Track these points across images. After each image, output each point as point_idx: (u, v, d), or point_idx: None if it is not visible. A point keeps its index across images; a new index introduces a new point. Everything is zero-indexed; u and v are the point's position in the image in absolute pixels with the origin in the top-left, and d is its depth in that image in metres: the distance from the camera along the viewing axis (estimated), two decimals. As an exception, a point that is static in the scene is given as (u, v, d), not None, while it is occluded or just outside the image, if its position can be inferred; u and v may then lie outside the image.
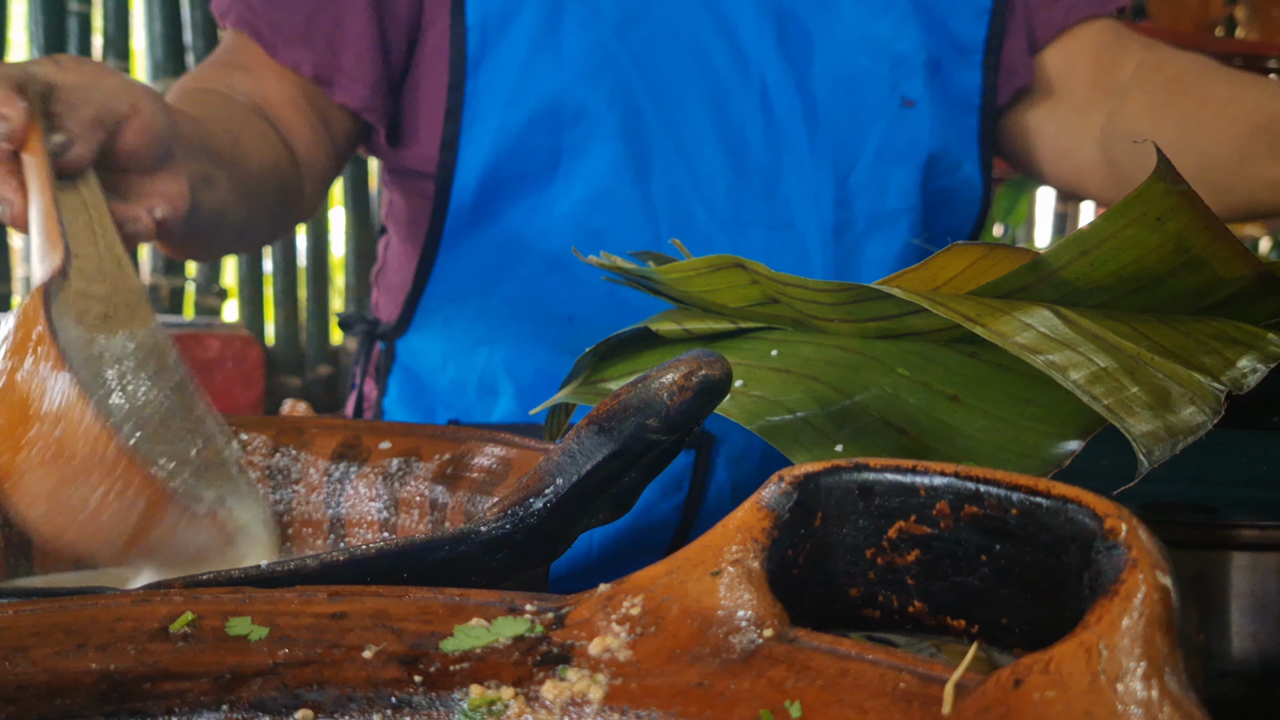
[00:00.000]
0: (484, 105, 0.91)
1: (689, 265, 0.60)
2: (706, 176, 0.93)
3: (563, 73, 0.90)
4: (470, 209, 0.93)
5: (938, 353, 0.55)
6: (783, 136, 0.94)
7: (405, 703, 0.34)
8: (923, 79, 0.97)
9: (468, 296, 0.95)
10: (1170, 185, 0.49)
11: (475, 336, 0.95)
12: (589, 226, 0.92)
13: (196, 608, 0.35)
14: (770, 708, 0.32)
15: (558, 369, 0.81)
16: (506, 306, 0.94)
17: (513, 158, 0.91)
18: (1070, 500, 0.31)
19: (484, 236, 0.94)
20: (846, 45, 0.96)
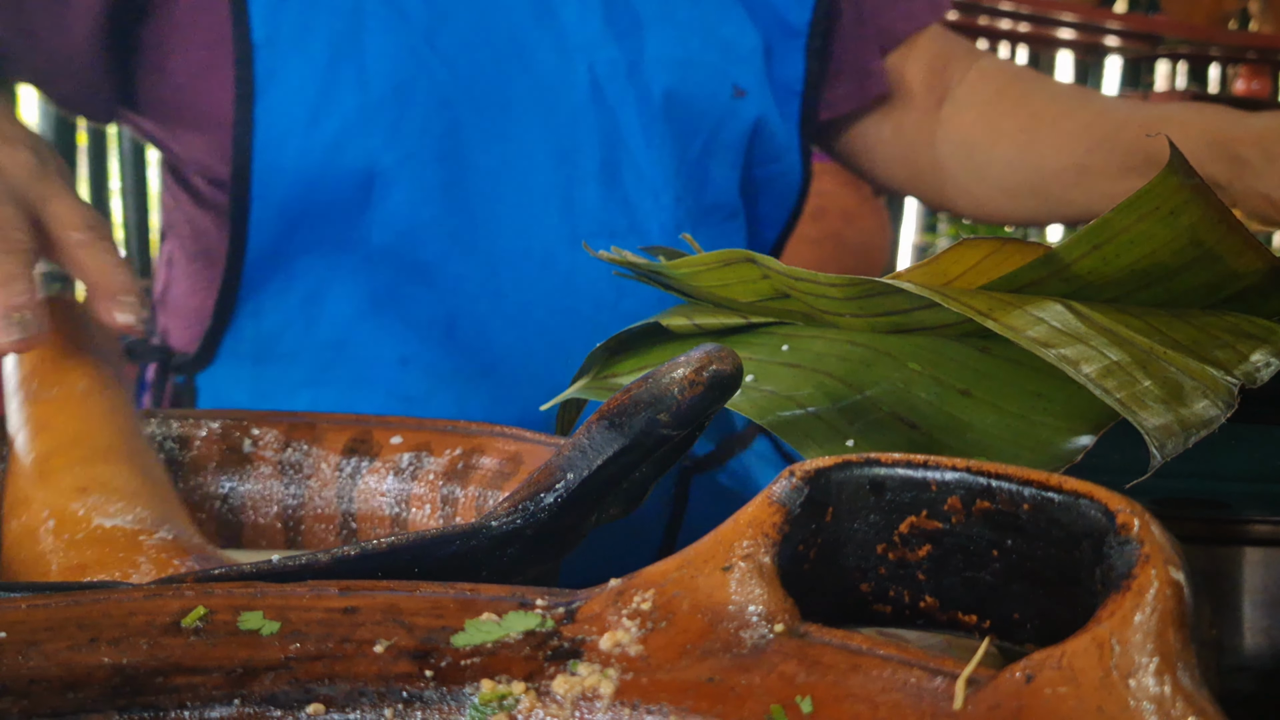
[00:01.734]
0: (279, 128, 0.80)
1: (699, 260, 0.60)
2: (538, 190, 0.84)
3: (369, 89, 0.80)
4: (272, 243, 0.82)
5: (949, 347, 0.55)
6: (617, 131, 0.86)
7: (416, 697, 0.34)
8: (753, 66, 0.91)
9: (281, 333, 0.85)
10: (1183, 179, 0.49)
11: (295, 378, 0.85)
12: (410, 260, 0.82)
13: (209, 602, 0.35)
14: (781, 702, 0.32)
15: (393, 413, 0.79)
16: (329, 348, 0.84)
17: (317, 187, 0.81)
18: (1082, 495, 0.31)
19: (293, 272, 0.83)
20: (677, 28, 0.89)
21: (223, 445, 0.62)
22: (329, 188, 0.81)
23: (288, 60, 0.79)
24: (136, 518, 0.50)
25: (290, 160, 0.80)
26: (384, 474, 0.61)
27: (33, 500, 0.51)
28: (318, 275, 0.83)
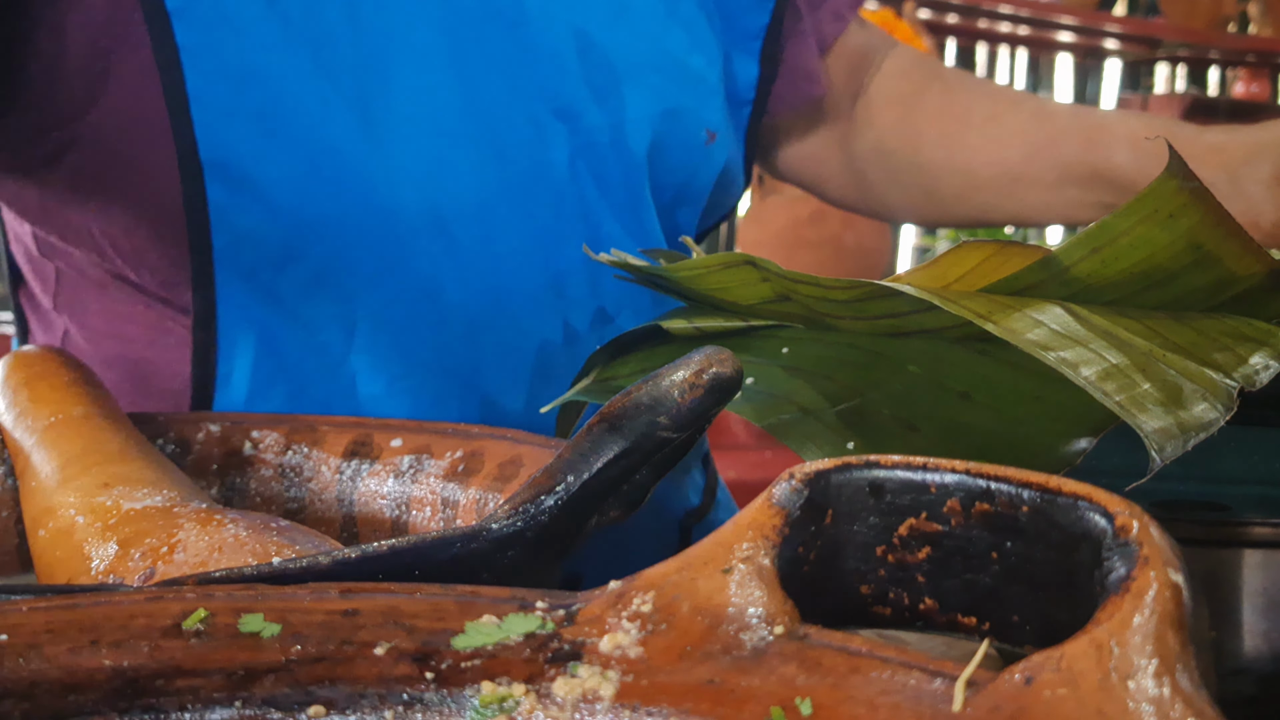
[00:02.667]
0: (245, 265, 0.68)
1: (700, 262, 0.60)
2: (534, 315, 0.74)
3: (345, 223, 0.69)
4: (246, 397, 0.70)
5: (949, 350, 0.55)
6: (596, 210, 0.76)
7: (417, 699, 0.34)
8: (720, 99, 0.82)
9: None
10: (1182, 182, 0.49)
11: None
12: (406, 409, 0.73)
13: (209, 605, 0.35)
14: (781, 705, 0.32)
15: None
16: None
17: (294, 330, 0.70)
18: (1081, 498, 0.31)
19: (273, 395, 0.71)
20: (651, 71, 0.78)
21: (223, 448, 0.63)
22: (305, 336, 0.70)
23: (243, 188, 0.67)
24: (166, 498, 0.51)
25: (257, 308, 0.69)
26: (384, 476, 0.61)
27: (56, 506, 0.52)
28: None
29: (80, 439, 0.55)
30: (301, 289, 0.70)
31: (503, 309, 0.74)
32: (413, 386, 0.73)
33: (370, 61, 0.70)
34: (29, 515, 0.53)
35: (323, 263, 0.69)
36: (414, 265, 0.71)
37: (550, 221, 0.74)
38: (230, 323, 0.69)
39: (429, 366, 0.73)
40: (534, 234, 0.74)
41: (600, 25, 0.76)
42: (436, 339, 0.73)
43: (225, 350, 0.69)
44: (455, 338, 0.73)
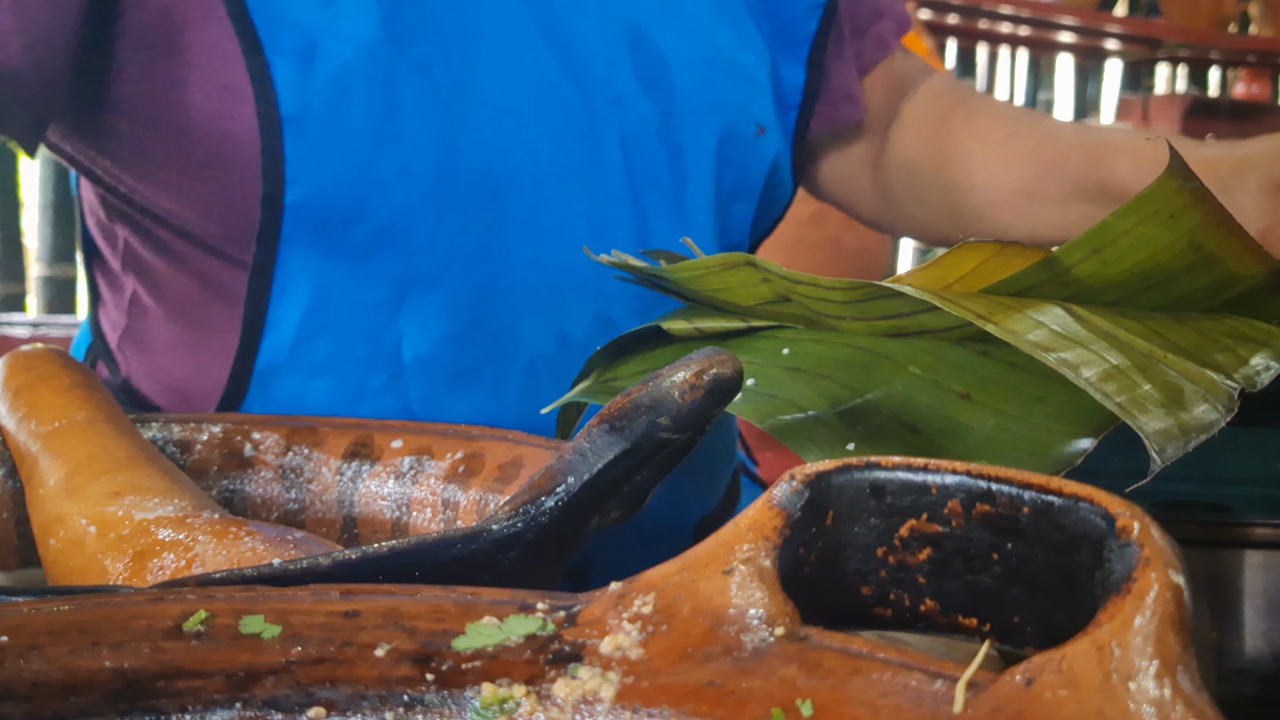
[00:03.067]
0: (313, 219, 0.71)
1: (700, 264, 0.60)
2: (574, 283, 0.76)
3: (411, 182, 0.72)
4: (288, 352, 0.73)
5: (949, 351, 0.55)
6: (647, 199, 0.78)
7: (417, 701, 0.34)
8: (769, 95, 0.85)
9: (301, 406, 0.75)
10: (1183, 183, 0.49)
11: None
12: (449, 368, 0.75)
13: (210, 606, 0.35)
14: (782, 706, 0.32)
15: None
16: None
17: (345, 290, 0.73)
18: (1082, 499, 0.31)
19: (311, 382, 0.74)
20: (702, 64, 0.81)
21: (224, 449, 0.63)
22: (359, 292, 0.73)
23: (323, 140, 0.69)
24: (178, 507, 0.51)
25: (316, 261, 0.72)
26: (385, 478, 0.61)
27: (66, 515, 0.51)
28: (341, 388, 0.75)
29: (86, 445, 0.55)
30: (362, 246, 0.72)
31: (547, 285, 0.76)
32: (455, 350, 0.75)
33: (438, 30, 0.73)
34: (38, 523, 0.53)
35: (386, 221, 0.72)
36: (469, 232, 0.74)
37: (600, 204, 0.77)
38: (287, 273, 0.72)
39: (473, 332, 0.75)
40: (584, 214, 0.77)
41: (653, 19, 0.80)
42: (483, 306, 0.75)
43: (277, 299, 0.72)
44: (501, 306, 0.75)
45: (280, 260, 0.71)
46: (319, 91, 0.69)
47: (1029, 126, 0.91)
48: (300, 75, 0.69)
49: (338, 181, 0.70)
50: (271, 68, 0.68)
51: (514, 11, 0.75)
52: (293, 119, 0.69)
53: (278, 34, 0.69)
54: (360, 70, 0.70)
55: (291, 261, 0.71)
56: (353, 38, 0.70)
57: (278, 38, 0.68)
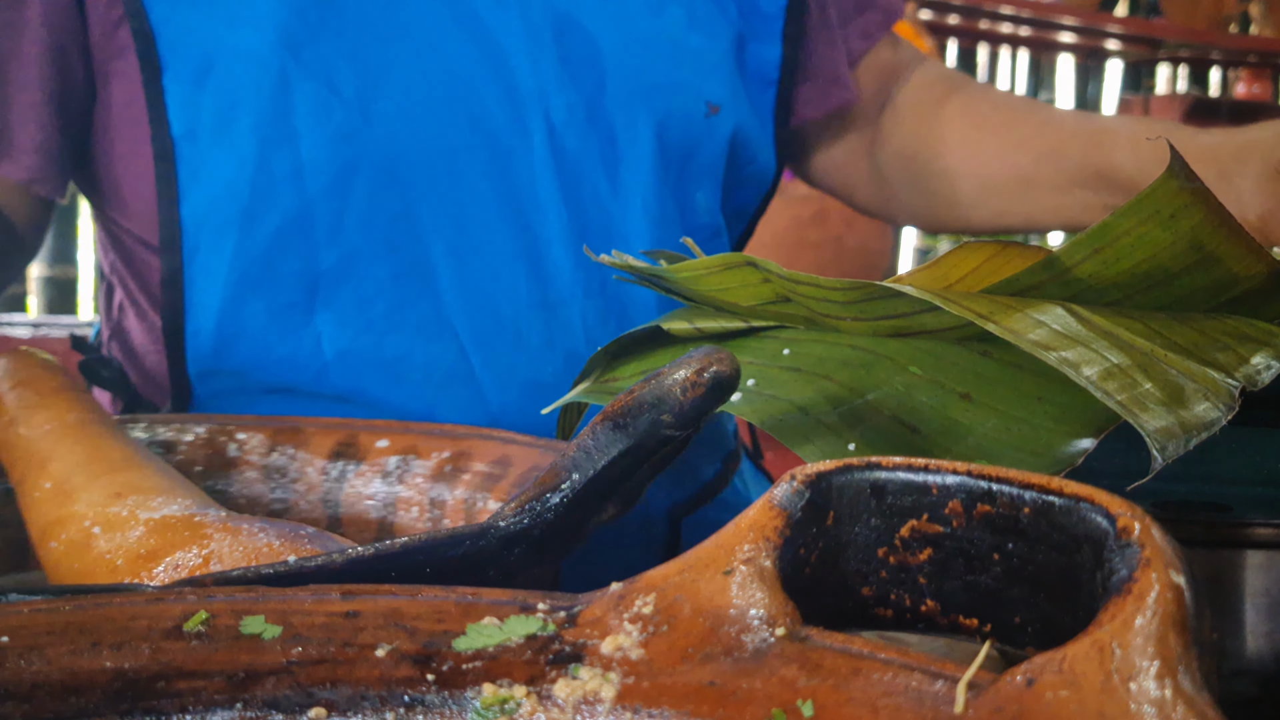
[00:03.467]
0: (211, 227, 0.74)
1: (700, 264, 0.60)
2: (503, 263, 0.77)
3: (305, 182, 0.73)
4: (212, 354, 0.76)
5: (950, 351, 0.55)
6: (582, 183, 0.79)
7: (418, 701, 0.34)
8: (724, 72, 0.84)
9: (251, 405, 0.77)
10: (1184, 183, 0.49)
11: None
12: (373, 358, 0.76)
13: (210, 606, 0.35)
14: (782, 707, 0.32)
15: None
16: None
17: (256, 294, 0.74)
18: (1083, 499, 0.31)
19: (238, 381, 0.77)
20: (639, 49, 0.81)
21: (208, 450, 0.62)
22: (270, 293, 0.74)
23: (214, 151, 0.73)
24: (183, 506, 0.50)
25: (223, 266, 0.74)
26: (370, 477, 0.61)
27: (67, 518, 0.51)
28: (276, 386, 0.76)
29: (81, 447, 0.54)
30: (265, 248, 0.74)
31: (473, 271, 0.77)
32: (376, 340, 0.76)
33: (343, 34, 0.75)
34: (36, 526, 0.52)
35: (283, 221, 0.74)
36: (374, 224, 0.76)
37: (526, 192, 0.78)
38: (197, 281, 0.75)
39: (393, 321, 0.76)
40: (508, 202, 0.77)
41: (585, 7, 0.80)
42: (400, 295, 0.76)
43: (191, 306, 0.75)
44: (422, 295, 0.76)
45: (188, 270, 0.74)
46: (208, 108, 0.73)
47: (1026, 113, 0.91)
48: (192, 95, 0.74)
49: (229, 188, 0.74)
50: (165, 92, 0.73)
51: (431, 11, 0.77)
52: (183, 137, 0.73)
53: (177, 60, 0.74)
54: (249, 80, 0.73)
55: (200, 270, 0.75)
56: (245, 52, 0.74)
57: (176, 64, 0.74)
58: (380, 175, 0.75)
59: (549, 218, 0.78)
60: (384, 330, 0.76)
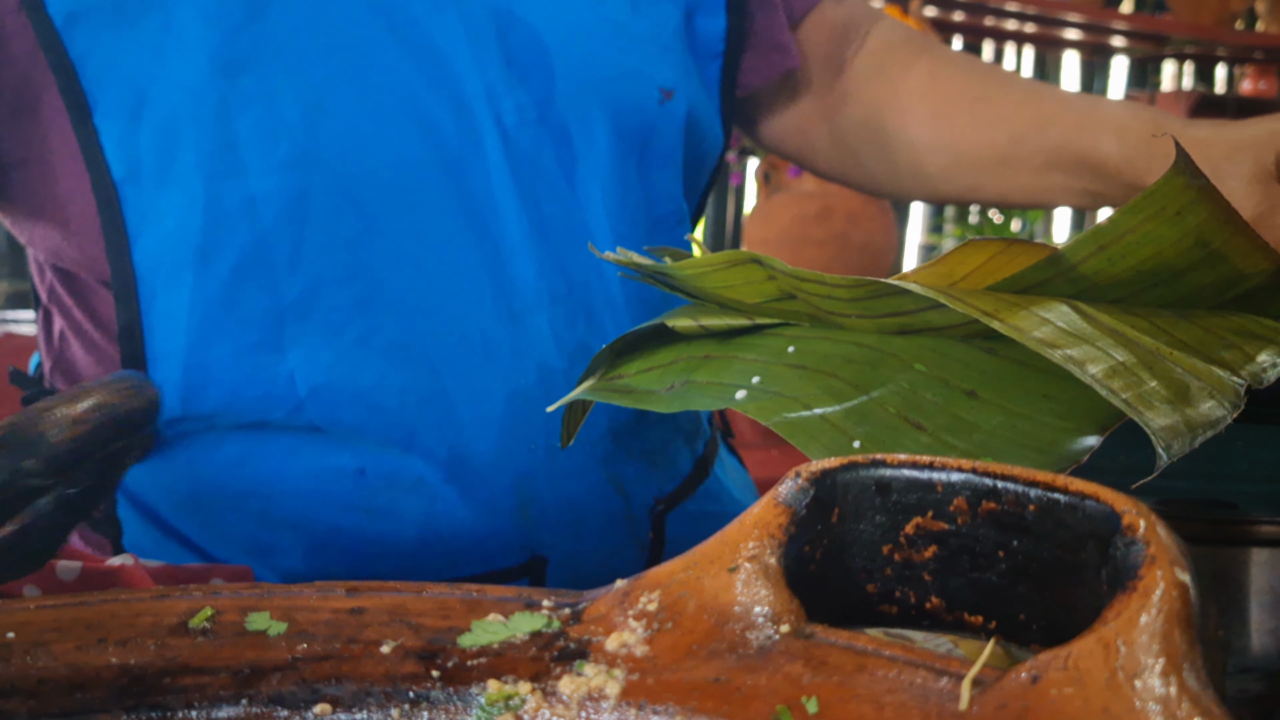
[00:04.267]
0: (166, 270, 0.70)
1: (705, 261, 0.60)
2: (466, 275, 0.75)
3: (258, 215, 0.70)
4: (179, 401, 0.72)
5: (955, 348, 0.55)
6: (538, 184, 0.76)
7: (423, 697, 0.34)
8: (675, 54, 0.82)
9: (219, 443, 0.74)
10: (1189, 179, 0.49)
11: (239, 485, 0.74)
12: (349, 390, 0.73)
13: (215, 603, 0.35)
14: (787, 703, 0.32)
15: (354, 525, 0.74)
16: (276, 459, 0.74)
17: (221, 333, 0.71)
18: (1088, 496, 0.31)
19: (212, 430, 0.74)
20: (586, 39, 0.78)
21: None
22: (236, 334, 0.71)
23: (159, 194, 0.69)
24: None
25: (184, 312, 0.70)
26: None
27: None
28: (246, 423, 0.73)
29: None
30: (224, 286, 0.71)
31: (437, 289, 0.74)
32: (349, 371, 0.73)
33: (280, 55, 0.72)
34: None
35: (240, 256, 0.71)
36: (333, 251, 0.72)
37: (484, 200, 0.75)
38: (157, 327, 0.71)
39: (363, 350, 0.73)
40: (466, 212, 0.75)
41: (526, 3, 0.77)
42: (368, 323, 0.73)
43: (153, 355, 0.71)
44: (390, 319, 0.74)
45: (146, 319, 0.71)
46: (147, 145, 0.69)
47: (1003, 87, 0.88)
48: (128, 133, 0.69)
49: (180, 229, 0.70)
50: (100, 133, 0.69)
51: (365, 23, 0.74)
52: (125, 179, 0.69)
53: (107, 96, 0.69)
54: (187, 113, 0.69)
55: (160, 316, 0.71)
56: (179, 83, 0.69)
57: (106, 100, 0.69)
58: (334, 198, 0.72)
59: (509, 225, 0.76)
60: (356, 360, 0.73)
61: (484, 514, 0.75)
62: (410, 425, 0.74)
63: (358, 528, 0.74)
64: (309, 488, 0.74)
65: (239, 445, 0.73)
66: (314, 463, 0.74)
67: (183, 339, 0.71)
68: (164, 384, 0.71)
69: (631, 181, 0.80)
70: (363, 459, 0.74)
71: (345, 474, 0.74)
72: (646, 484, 0.83)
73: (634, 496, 0.82)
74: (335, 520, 0.74)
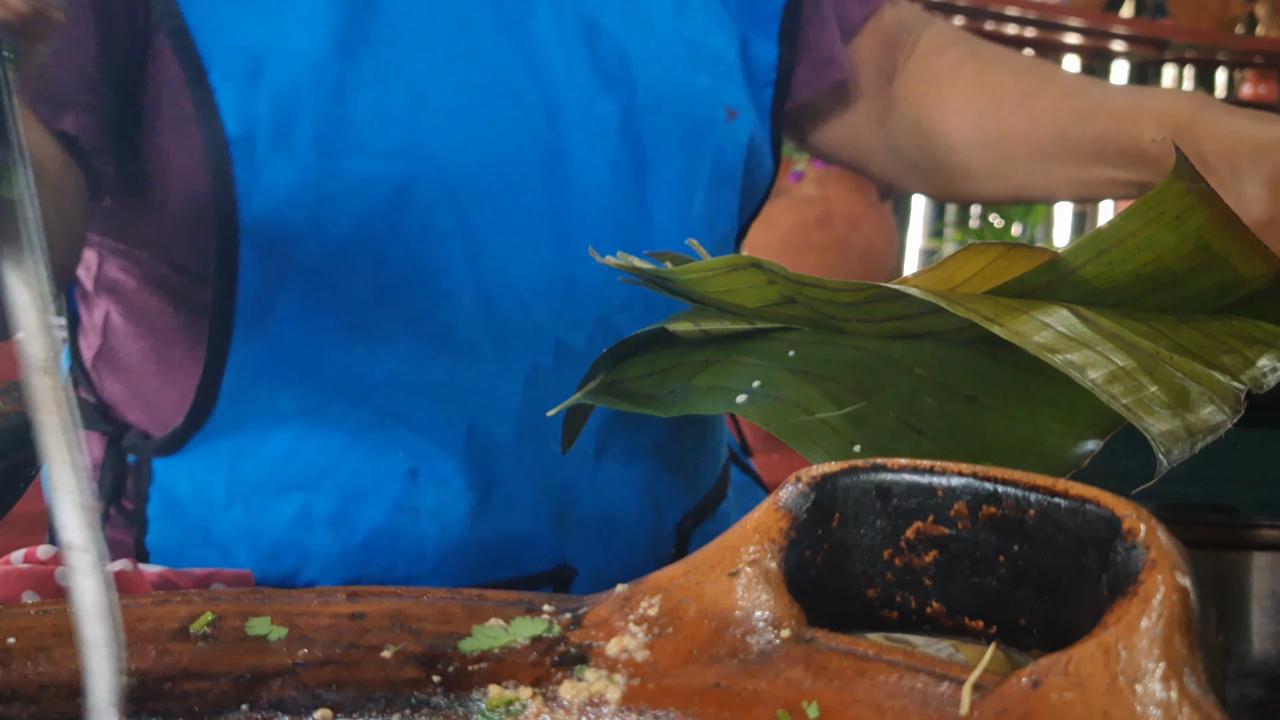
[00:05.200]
0: (270, 240, 0.69)
1: (706, 265, 0.60)
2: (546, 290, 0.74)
3: (365, 198, 0.70)
4: (253, 373, 0.72)
5: (955, 353, 0.55)
6: (614, 197, 0.76)
7: (424, 703, 0.34)
8: (739, 77, 0.83)
9: (273, 429, 0.74)
10: (1189, 184, 0.49)
11: (284, 479, 0.74)
12: (420, 381, 0.72)
13: (216, 608, 0.35)
14: (788, 708, 0.32)
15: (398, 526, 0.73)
16: (332, 452, 0.73)
17: (309, 311, 0.71)
18: (1088, 500, 0.31)
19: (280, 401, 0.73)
20: (664, 54, 0.79)
21: None
22: (322, 311, 0.71)
23: (273, 162, 0.69)
24: None
25: (282, 284, 0.70)
26: None
27: None
28: (310, 406, 0.73)
29: None
30: (321, 264, 0.71)
31: (515, 292, 0.74)
32: (423, 365, 0.73)
33: (394, 39, 0.72)
34: None
35: (343, 237, 0.71)
36: (427, 242, 0.72)
37: (564, 205, 0.75)
38: (250, 295, 0.70)
39: (441, 344, 0.73)
40: (547, 217, 0.75)
41: (610, 12, 0.77)
42: (447, 317, 0.73)
43: (241, 321, 0.71)
44: (466, 316, 0.73)
45: (242, 282, 0.70)
46: (265, 111, 0.68)
47: (1046, 83, 0.88)
48: (245, 96, 0.68)
49: (290, 200, 0.69)
50: (215, 92, 0.68)
51: (470, 16, 0.74)
52: (239, 140, 0.68)
53: (222, 58, 0.68)
54: (308, 86, 0.69)
55: (253, 283, 0.70)
56: (300, 53, 0.69)
57: (222, 62, 0.68)
58: (433, 191, 0.71)
59: (589, 233, 0.75)
60: (430, 354, 0.72)
61: (525, 521, 0.75)
62: (469, 425, 0.74)
63: (402, 529, 0.73)
64: (358, 486, 0.74)
65: (290, 437, 0.73)
66: (367, 461, 0.73)
67: (273, 312, 0.70)
68: (243, 352, 0.71)
69: (697, 198, 0.81)
70: (416, 459, 0.73)
71: (397, 474, 0.73)
72: (678, 499, 0.84)
73: (665, 511, 0.82)
74: (380, 520, 0.74)
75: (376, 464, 0.73)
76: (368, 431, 0.73)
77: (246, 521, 0.74)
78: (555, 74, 0.75)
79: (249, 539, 0.74)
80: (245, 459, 0.73)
